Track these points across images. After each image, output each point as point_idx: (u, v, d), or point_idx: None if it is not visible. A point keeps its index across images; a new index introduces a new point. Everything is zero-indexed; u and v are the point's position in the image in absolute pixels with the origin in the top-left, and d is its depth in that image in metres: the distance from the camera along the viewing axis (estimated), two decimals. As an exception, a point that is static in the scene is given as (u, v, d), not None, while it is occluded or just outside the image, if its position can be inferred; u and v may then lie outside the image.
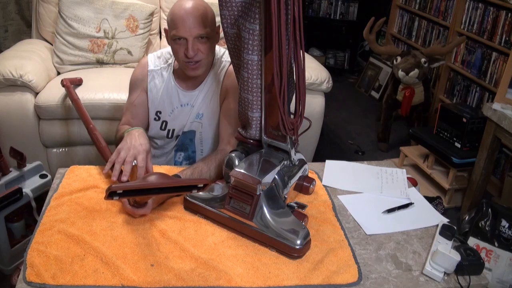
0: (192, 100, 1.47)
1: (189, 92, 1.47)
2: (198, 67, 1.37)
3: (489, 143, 2.14)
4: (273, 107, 1.11)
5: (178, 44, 1.33)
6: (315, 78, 2.20)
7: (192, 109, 1.48)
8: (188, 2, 1.31)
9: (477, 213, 1.85)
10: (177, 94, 1.48)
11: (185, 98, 1.48)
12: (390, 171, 1.42)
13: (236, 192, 1.07)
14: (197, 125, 1.51)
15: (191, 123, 1.50)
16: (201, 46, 1.33)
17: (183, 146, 1.55)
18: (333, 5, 4.34)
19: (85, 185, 1.22)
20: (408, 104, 2.85)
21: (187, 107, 1.48)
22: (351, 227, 1.16)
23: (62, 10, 2.28)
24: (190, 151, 1.55)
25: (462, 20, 2.94)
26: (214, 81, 1.46)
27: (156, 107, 1.50)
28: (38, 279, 0.91)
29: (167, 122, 1.51)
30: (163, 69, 1.48)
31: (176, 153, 1.56)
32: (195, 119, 1.49)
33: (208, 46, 1.35)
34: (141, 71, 1.50)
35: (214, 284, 0.93)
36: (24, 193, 1.54)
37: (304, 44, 1.05)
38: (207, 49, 1.35)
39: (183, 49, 1.33)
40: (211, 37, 1.35)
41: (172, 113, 1.49)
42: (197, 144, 1.53)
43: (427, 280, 1.00)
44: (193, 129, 1.52)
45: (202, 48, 1.33)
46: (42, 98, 2.03)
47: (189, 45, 1.31)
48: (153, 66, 1.48)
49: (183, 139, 1.54)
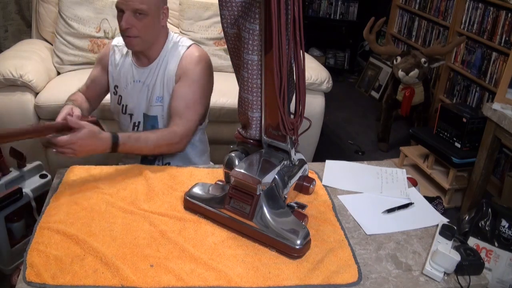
0: (144, 77, 1.50)
1: (141, 68, 1.50)
2: (133, 42, 1.39)
3: (489, 143, 2.14)
4: (273, 107, 1.11)
5: (119, 16, 1.37)
6: (315, 78, 2.20)
7: (146, 88, 1.50)
8: None
9: (477, 213, 1.85)
10: (131, 70, 1.52)
11: (138, 74, 1.51)
12: (390, 171, 1.42)
13: (236, 192, 1.07)
14: (159, 109, 1.52)
15: (152, 106, 1.52)
16: (136, 22, 1.35)
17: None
18: (333, 5, 4.34)
19: (85, 185, 1.22)
20: (408, 104, 2.85)
21: (138, 84, 1.51)
22: (351, 227, 1.16)
23: (62, 10, 2.28)
24: None
25: (462, 20, 2.94)
26: (167, 64, 1.47)
27: (115, 81, 1.55)
28: (38, 279, 0.91)
29: (122, 97, 1.55)
30: (124, 45, 1.50)
31: None
32: (155, 102, 1.51)
33: (144, 23, 1.36)
34: (105, 48, 1.58)
35: (214, 284, 0.93)
36: (24, 193, 1.54)
37: (304, 44, 1.05)
38: (143, 26, 1.36)
39: (121, 21, 1.36)
40: (149, 15, 1.36)
41: (126, 88, 1.53)
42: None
43: (427, 280, 1.00)
44: (155, 114, 1.53)
45: (137, 24, 1.35)
46: (42, 98, 2.03)
47: (123, 17, 1.34)
48: (117, 42, 1.55)
49: (145, 125, 1.55)
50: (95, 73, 1.59)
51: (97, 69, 1.59)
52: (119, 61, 1.54)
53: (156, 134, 1.36)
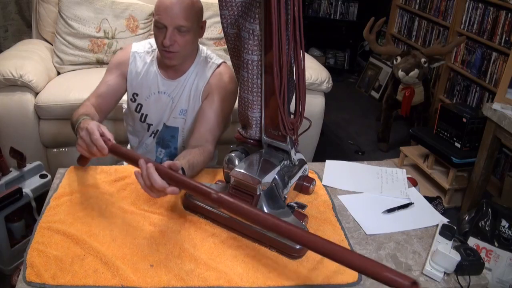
0: (170, 90, 1.47)
1: (168, 81, 1.46)
2: (173, 57, 1.37)
3: (489, 143, 2.14)
4: (273, 107, 1.11)
5: (159, 31, 1.34)
6: (315, 78, 2.20)
7: (171, 101, 1.47)
8: None
9: (477, 213, 1.85)
10: (156, 80, 1.47)
11: (164, 86, 1.47)
12: (390, 171, 1.42)
13: (236, 192, 1.07)
14: (181, 121, 1.50)
15: (174, 118, 1.49)
16: (179, 38, 1.33)
17: (163, 142, 1.54)
18: (333, 5, 4.34)
19: (85, 185, 1.22)
20: (408, 104, 2.85)
21: (164, 96, 1.48)
22: (351, 227, 1.16)
23: (62, 10, 2.28)
24: (173, 148, 1.55)
25: (462, 20, 2.94)
26: (197, 78, 1.45)
27: (134, 89, 1.49)
28: (38, 279, 0.91)
29: (142, 106, 1.51)
30: (146, 53, 1.48)
31: (157, 148, 1.56)
32: (179, 115, 1.49)
33: (186, 39, 1.34)
34: (123, 54, 1.50)
35: (214, 284, 0.93)
36: (24, 193, 1.54)
37: (304, 44, 1.05)
38: (185, 42, 1.35)
39: (162, 36, 1.33)
40: (192, 31, 1.34)
41: (149, 98, 1.49)
42: (179, 142, 1.53)
43: (427, 280, 1.00)
44: (176, 125, 1.51)
45: (180, 40, 1.33)
46: (42, 98, 2.03)
47: (167, 34, 1.31)
48: (137, 49, 1.49)
49: (164, 134, 1.53)
50: (111, 80, 1.47)
51: (113, 75, 1.48)
52: (142, 70, 1.47)
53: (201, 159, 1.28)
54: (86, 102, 1.41)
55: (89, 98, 1.44)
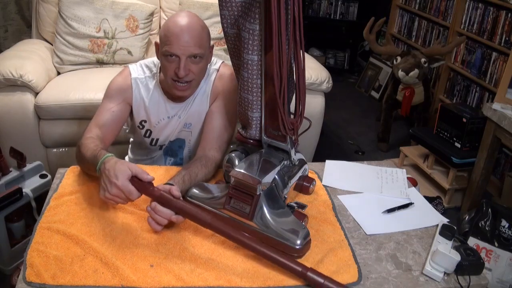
0: (179, 111, 1.43)
1: (177, 104, 1.41)
2: (187, 88, 1.31)
3: (489, 143, 2.14)
4: (273, 107, 1.11)
5: (169, 61, 1.26)
6: (315, 78, 2.20)
7: (179, 119, 1.44)
8: (184, 19, 1.24)
9: (477, 213, 1.85)
10: (164, 106, 1.41)
11: (173, 110, 1.42)
12: (390, 171, 1.42)
13: (236, 192, 1.07)
14: (186, 134, 1.48)
15: (178, 132, 1.47)
16: (193, 66, 1.27)
17: (172, 151, 1.53)
18: (333, 5, 4.34)
19: (85, 185, 1.22)
20: (408, 104, 2.85)
21: (174, 118, 1.44)
22: (351, 227, 1.16)
23: (62, 10, 2.28)
24: (179, 158, 1.54)
25: (462, 20, 2.94)
26: (201, 91, 1.42)
27: (141, 117, 1.43)
28: (38, 279, 0.91)
29: (152, 132, 1.46)
30: (148, 79, 1.40)
31: (165, 157, 1.55)
32: (183, 128, 1.46)
33: (200, 67, 1.29)
34: (123, 80, 1.39)
35: (214, 284, 0.93)
36: (24, 193, 1.54)
37: (304, 44, 1.05)
38: (199, 70, 1.29)
39: (173, 67, 1.26)
40: (204, 57, 1.29)
41: (158, 124, 1.44)
42: (185, 152, 1.52)
43: (427, 280, 1.00)
44: (181, 137, 1.49)
45: (194, 69, 1.28)
46: (42, 98, 2.02)
47: (181, 64, 1.24)
48: (137, 74, 1.39)
49: (171, 145, 1.51)
50: (115, 107, 1.36)
51: (116, 103, 1.37)
52: (147, 98, 1.40)
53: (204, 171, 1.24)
54: (89, 135, 1.27)
55: (90, 129, 1.31)
